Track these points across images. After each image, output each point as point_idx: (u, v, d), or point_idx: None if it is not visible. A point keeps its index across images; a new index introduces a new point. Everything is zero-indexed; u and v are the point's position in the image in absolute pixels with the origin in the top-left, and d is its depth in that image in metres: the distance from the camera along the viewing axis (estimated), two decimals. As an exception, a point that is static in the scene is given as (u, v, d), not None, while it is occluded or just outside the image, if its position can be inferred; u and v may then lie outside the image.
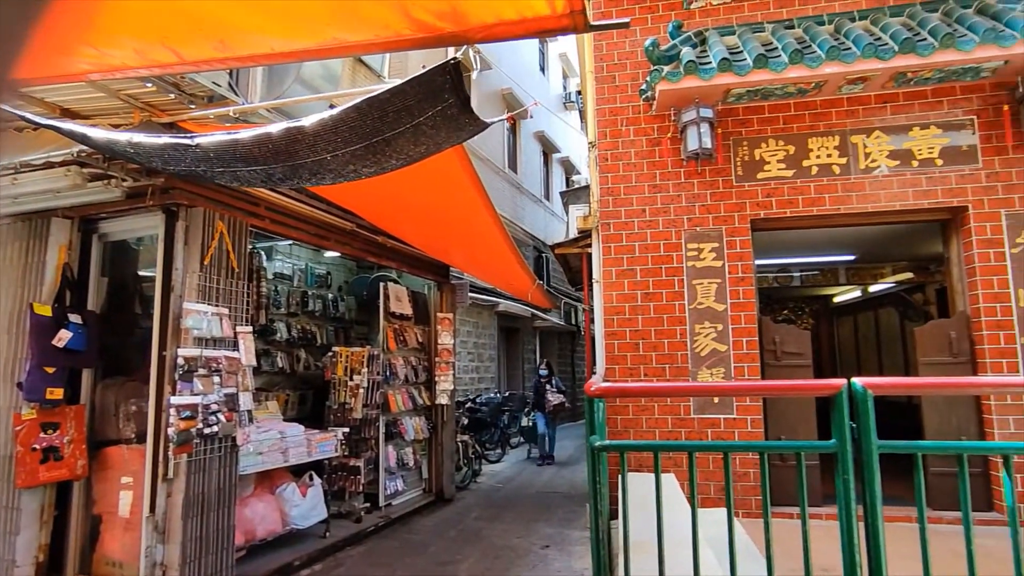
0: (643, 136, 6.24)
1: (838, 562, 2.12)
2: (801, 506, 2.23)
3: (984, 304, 5.24)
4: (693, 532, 2.31)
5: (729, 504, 2.30)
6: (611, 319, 6.10)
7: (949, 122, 5.49)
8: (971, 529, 2.05)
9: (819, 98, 5.79)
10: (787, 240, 7.23)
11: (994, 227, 5.29)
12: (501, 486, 9.16)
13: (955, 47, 4.93)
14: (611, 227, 6.19)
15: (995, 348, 5.16)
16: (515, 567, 5.46)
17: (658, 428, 5.83)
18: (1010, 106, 5.24)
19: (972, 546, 2.04)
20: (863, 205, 5.64)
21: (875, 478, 2.12)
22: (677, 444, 4.39)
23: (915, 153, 5.54)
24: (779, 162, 5.86)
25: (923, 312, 8.01)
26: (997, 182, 5.31)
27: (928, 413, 5.39)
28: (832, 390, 2.20)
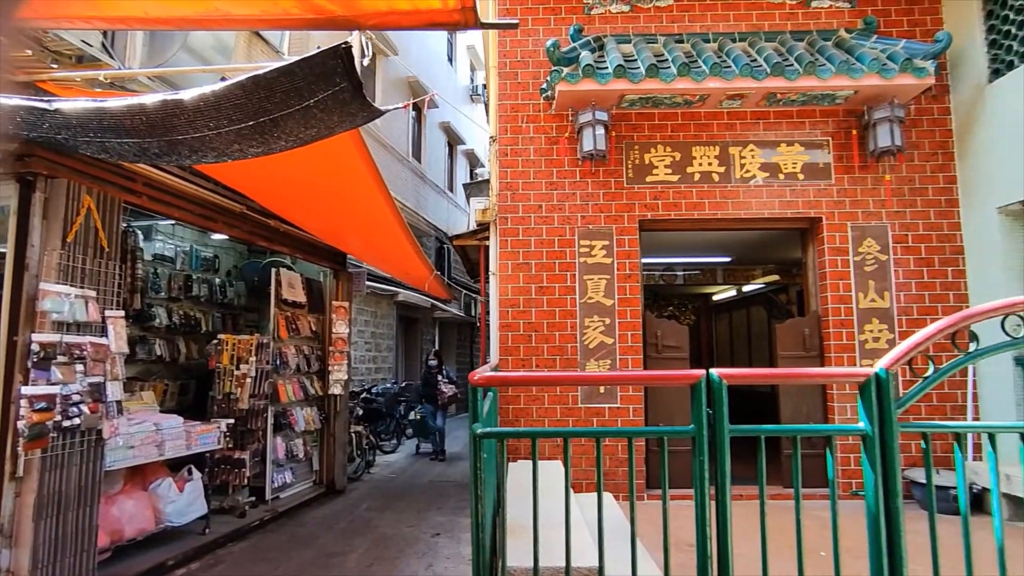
0: (542, 134, 6.39)
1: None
2: (663, 486, 2.40)
3: (832, 305, 5.86)
4: (566, 514, 2.43)
5: (599, 486, 2.44)
6: (506, 311, 6.21)
7: (810, 141, 6.06)
8: (800, 501, 2.30)
9: (703, 110, 6.18)
10: (672, 241, 7.68)
11: (842, 237, 5.91)
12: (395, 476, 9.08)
13: (815, 74, 5.44)
14: (509, 221, 6.29)
15: (839, 344, 5.78)
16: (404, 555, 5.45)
17: (547, 417, 6.03)
18: (857, 131, 5.88)
19: (800, 515, 2.29)
20: (737, 212, 6.09)
21: (726, 459, 2.32)
22: (552, 431, 4.54)
23: (782, 167, 6.06)
24: (666, 167, 6.20)
25: (786, 311, 8.81)
26: (846, 197, 5.94)
27: (784, 401, 5.95)
28: (692, 380, 2.38)
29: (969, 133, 5.75)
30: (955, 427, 2.38)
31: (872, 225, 5.90)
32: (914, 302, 5.76)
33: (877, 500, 2.28)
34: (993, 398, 5.35)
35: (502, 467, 2.71)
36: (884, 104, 5.59)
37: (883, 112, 5.58)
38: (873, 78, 5.39)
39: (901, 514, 2.26)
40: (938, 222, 5.85)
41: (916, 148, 5.93)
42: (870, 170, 5.93)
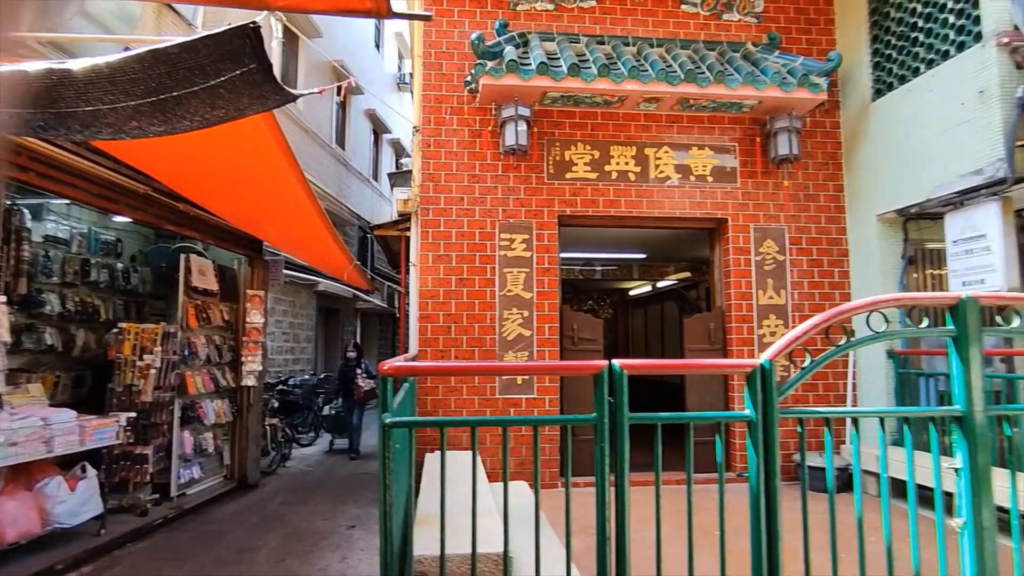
0: (466, 126, 6.38)
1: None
2: (566, 473, 2.49)
3: (735, 301, 6.21)
4: (473, 502, 2.46)
5: (505, 474, 2.49)
6: (426, 302, 6.18)
7: (719, 146, 6.38)
8: (692, 484, 2.44)
9: (621, 111, 6.37)
10: (590, 237, 7.88)
11: (745, 237, 6.27)
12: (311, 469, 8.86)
13: (725, 83, 5.73)
14: (430, 212, 6.26)
15: (740, 337, 6.15)
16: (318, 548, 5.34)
17: (466, 408, 6.06)
18: (760, 139, 6.25)
19: (691, 497, 2.43)
20: (652, 210, 6.33)
21: (625, 446, 2.43)
22: (460, 420, 4.54)
23: (693, 169, 6.35)
24: (585, 165, 6.35)
25: (696, 306, 9.26)
26: (749, 200, 6.31)
27: (689, 391, 6.26)
28: (595, 370, 2.47)
29: (855, 146, 6.24)
30: (825, 412, 2.59)
31: (772, 227, 6.30)
32: (806, 299, 6.20)
33: (759, 480, 2.45)
34: (870, 387, 5.85)
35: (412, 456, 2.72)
36: (784, 115, 5.97)
37: (783, 122, 5.96)
38: (774, 90, 5.74)
39: (779, 492, 2.45)
40: (828, 226, 6.33)
41: (811, 157, 6.38)
42: (771, 176, 6.32)
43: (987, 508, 2.45)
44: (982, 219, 4.63)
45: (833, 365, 6.09)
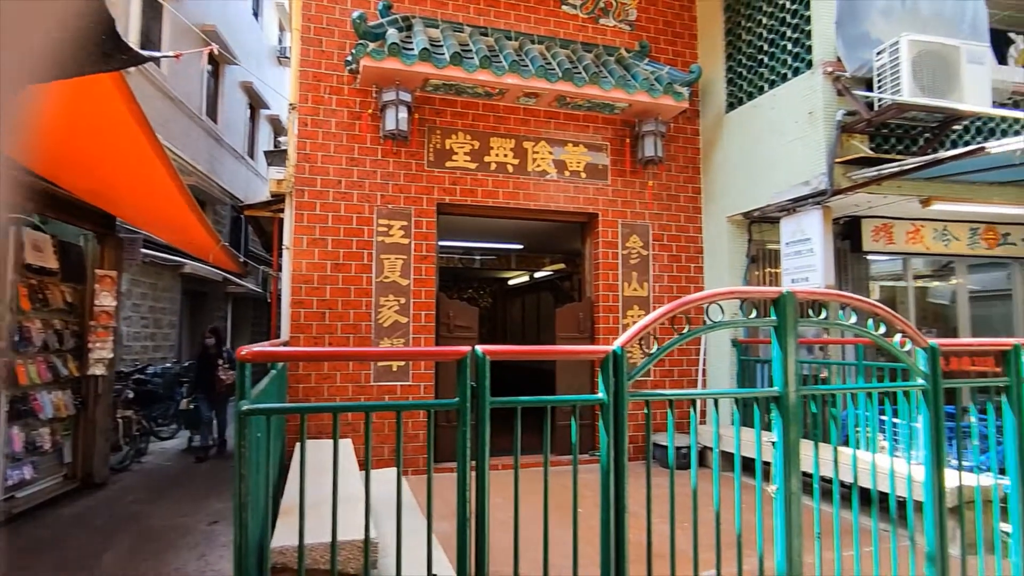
0: (345, 108, 6.17)
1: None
2: (429, 457, 2.51)
3: (603, 292, 6.56)
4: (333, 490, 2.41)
5: (367, 459, 2.47)
6: (299, 287, 5.93)
7: (592, 144, 6.66)
8: (548, 465, 2.56)
9: (502, 103, 6.45)
10: (469, 226, 7.93)
11: (613, 232, 6.63)
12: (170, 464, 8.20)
13: (599, 85, 5.99)
14: (305, 194, 5.99)
15: (607, 327, 6.50)
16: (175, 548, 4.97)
17: (340, 395, 5.91)
18: (630, 140, 6.61)
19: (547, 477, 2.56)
20: (528, 203, 6.49)
21: (486, 430, 2.49)
22: (322, 406, 4.34)
23: (568, 165, 6.59)
24: (466, 154, 6.37)
25: (570, 296, 9.64)
26: (618, 197, 6.66)
27: (560, 377, 6.53)
28: (459, 355, 2.50)
29: (711, 152, 6.79)
30: (668, 395, 2.81)
31: (638, 224, 6.70)
32: (666, 292, 6.67)
33: (609, 458, 2.62)
34: (717, 372, 6.43)
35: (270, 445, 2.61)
36: (651, 119, 6.35)
37: (650, 126, 6.35)
38: (643, 95, 6.09)
39: (626, 469, 2.63)
40: (686, 225, 6.84)
41: (673, 160, 6.85)
42: (638, 175, 6.71)
43: (795, 475, 2.78)
44: (808, 224, 5.23)
45: (687, 352, 6.62)
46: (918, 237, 6.32)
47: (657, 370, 6.57)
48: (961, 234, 6.47)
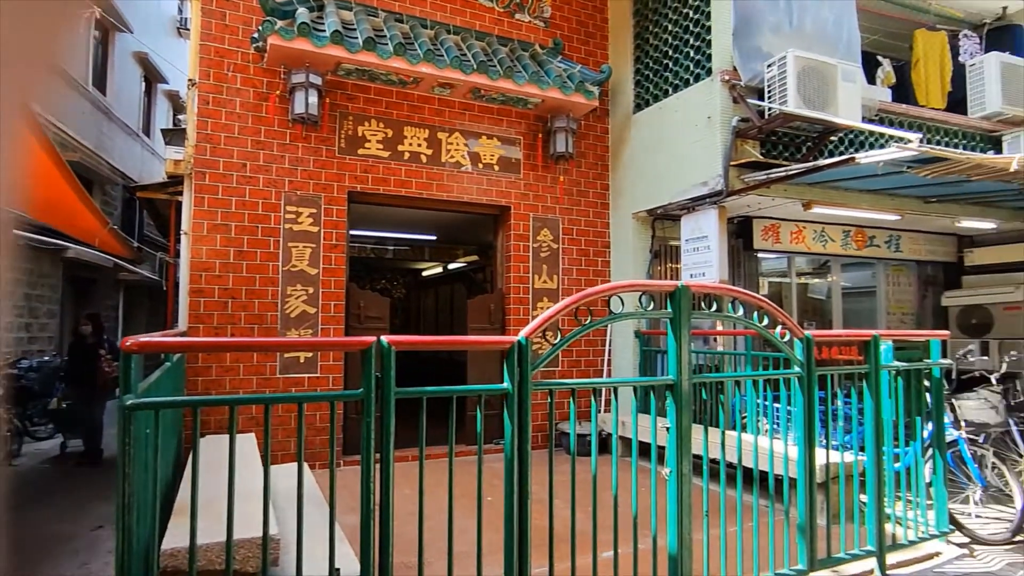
0: (251, 87, 5.84)
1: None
2: (331, 449, 2.45)
3: (514, 284, 6.63)
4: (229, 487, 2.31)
5: (266, 453, 2.38)
6: (199, 275, 5.58)
7: (506, 138, 6.70)
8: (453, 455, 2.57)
9: (416, 92, 6.34)
10: (382, 215, 7.77)
11: (525, 225, 6.71)
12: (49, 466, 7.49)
13: (513, 79, 6.03)
14: (206, 177, 5.64)
15: (517, 318, 6.58)
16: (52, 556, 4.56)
17: (243, 388, 5.63)
18: (542, 135, 6.71)
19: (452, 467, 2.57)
20: (442, 193, 6.44)
21: (391, 420, 2.47)
22: (216, 399, 4.06)
23: (482, 157, 6.59)
24: (379, 142, 6.22)
25: (483, 288, 9.68)
26: (530, 191, 6.75)
27: (471, 368, 6.55)
28: (364, 345, 2.46)
29: (619, 151, 7.01)
30: (570, 384, 2.90)
31: (548, 217, 6.81)
32: (574, 285, 6.84)
33: (513, 447, 2.67)
34: (622, 363, 6.68)
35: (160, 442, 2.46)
36: (563, 116, 6.47)
37: (561, 123, 6.46)
38: (555, 92, 6.19)
39: (529, 456, 2.68)
40: (595, 220, 7.04)
41: (584, 157, 7.02)
42: (550, 170, 6.83)
43: (687, 458, 2.96)
44: (706, 223, 5.54)
45: (593, 343, 6.83)
46: (800, 238, 6.85)
47: (565, 360, 6.74)
48: (836, 236, 7.08)
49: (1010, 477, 4.16)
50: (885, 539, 3.61)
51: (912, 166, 4.62)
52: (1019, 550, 3.95)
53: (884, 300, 7.78)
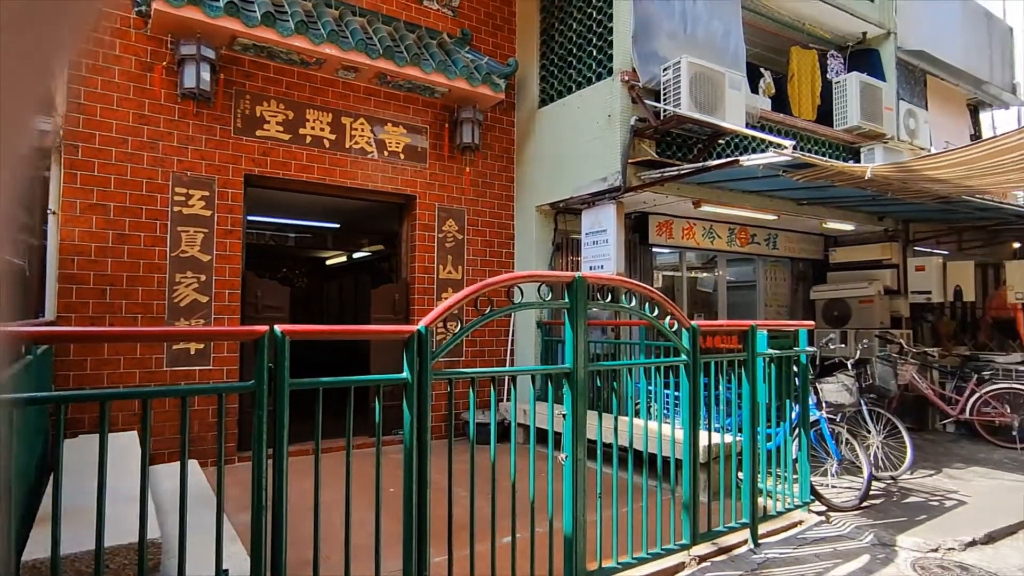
0: (133, 55, 5.33)
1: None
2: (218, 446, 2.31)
3: (418, 274, 6.54)
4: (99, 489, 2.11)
5: (145, 450, 2.20)
6: (70, 259, 5.04)
7: (412, 126, 6.56)
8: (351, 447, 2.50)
9: (320, 74, 6.06)
10: (283, 201, 7.38)
11: (430, 215, 6.63)
12: None
13: (420, 67, 5.91)
14: (79, 151, 5.09)
15: (421, 308, 6.49)
16: None
17: (124, 383, 5.17)
18: (448, 125, 6.64)
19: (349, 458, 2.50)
20: (345, 180, 6.21)
21: (285, 412, 2.35)
22: (85, 394, 3.70)
23: (387, 145, 6.42)
24: (278, 124, 5.89)
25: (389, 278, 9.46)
26: (436, 181, 6.66)
27: (374, 358, 6.40)
28: (255, 335, 2.33)
29: (525, 144, 7.07)
30: (469, 373, 2.90)
31: (454, 208, 6.76)
32: (479, 275, 6.85)
33: (412, 436, 2.63)
34: (524, 352, 6.77)
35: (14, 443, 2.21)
36: (469, 107, 6.44)
37: (468, 113, 6.43)
38: (462, 82, 6.14)
39: (429, 447, 2.66)
40: (500, 212, 7.08)
41: (490, 149, 7.02)
42: (456, 161, 6.77)
43: (582, 444, 3.05)
44: (605, 217, 5.73)
45: (497, 333, 6.89)
46: (691, 234, 7.26)
47: (470, 350, 6.74)
48: (722, 233, 7.57)
49: (859, 451, 4.65)
50: (757, 512, 3.93)
51: (787, 170, 5.01)
52: (865, 514, 4.43)
53: (763, 293, 8.43)
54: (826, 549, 3.87)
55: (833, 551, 3.84)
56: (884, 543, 3.97)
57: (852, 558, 3.74)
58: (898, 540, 3.99)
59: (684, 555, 3.50)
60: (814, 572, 3.53)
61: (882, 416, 5.38)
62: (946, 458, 6.17)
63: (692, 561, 3.51)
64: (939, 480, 5.38)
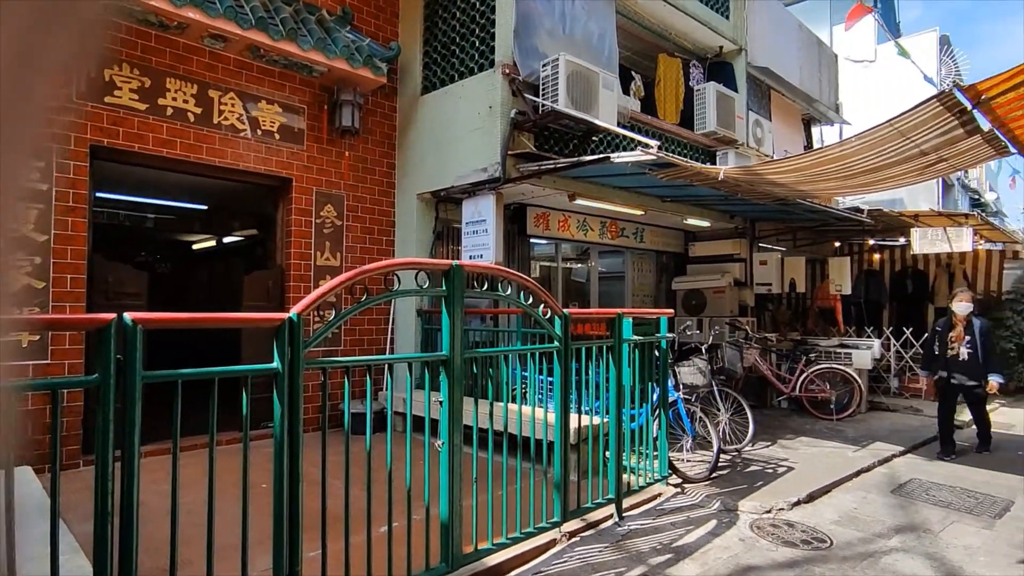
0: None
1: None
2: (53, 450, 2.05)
3: (294, 261, 6.19)
4: None
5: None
6: None
7: (288, 105, 6.17)
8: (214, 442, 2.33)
9: (183, 40, 5.51)
10: (141, 178, 6.65)
11: (307, 200, 6.29)
12: None
13: (296, 42, 5.57)
14: None
15: (297, 296, 6.15)
16: None
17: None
18: (328, 106, 6.32)
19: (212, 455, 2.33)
20: (213, 159, 5.71)
21: (136, 409, 2.14)
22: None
23: (261, 123, 5.99)
24: (132, 91, 5.29)
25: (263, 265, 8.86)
26: (314, 164, 6.33)
27: (245, 348, 6.00)
28: (100, 323, 2.09)
29: (407, 131, 6.91)
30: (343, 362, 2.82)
31: (333, 193, 6.47)
32: (358, 262, 6.62)
33: (283, 428, 2.50)
34: (404, 341, 6.66)
35: None
36: (349, 89, 6.17)
37: (348, 96, 6.16)
38: (342, 63, 5.87)
39: (301, 438, 2.55)
40: (380, 199, 6.88)
41: (371, 134, 6.79)
42: (335, 144, 6.47)
43: (458, 430, 3.07)
44: (484, 207, 5.78)
45: (377, 322, 6.72)
46: (566, 226, 7.53)
47: (348, 339, 6.52)
48: (595, 226, 7.93)
49: (711, 428, 5.12)
50: (622, 487, 4.19)
51: (652, 169, 5.35)
52: (714, 484, 4.89)
53: (631, 283, 8.96)
54: (681, 518, 4.23)
55: (687, 519, 4.21)
56: (729, 509, 4.41)
57: (702, 524, 4.12)
58: (740, 505, 4.45)
59: (555, 532, 3.66)
60: (670, 539, 3.84)
61: (730, 395, 5.96)
62: (780, 431, 6.96)
63: (563, 537, 3.68)
64: (774, 450, 6.06)
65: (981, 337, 5.79)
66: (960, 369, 5.85)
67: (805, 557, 3.63)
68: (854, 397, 7.61)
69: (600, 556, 3.55)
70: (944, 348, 5.98)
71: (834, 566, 3.52)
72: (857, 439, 6.57)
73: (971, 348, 5.79)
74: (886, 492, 4.91)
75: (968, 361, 5.80)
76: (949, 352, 5.92)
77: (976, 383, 5.82)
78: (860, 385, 7.63)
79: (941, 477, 5.32)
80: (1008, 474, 5.45)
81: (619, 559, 3.52)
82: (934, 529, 4.12)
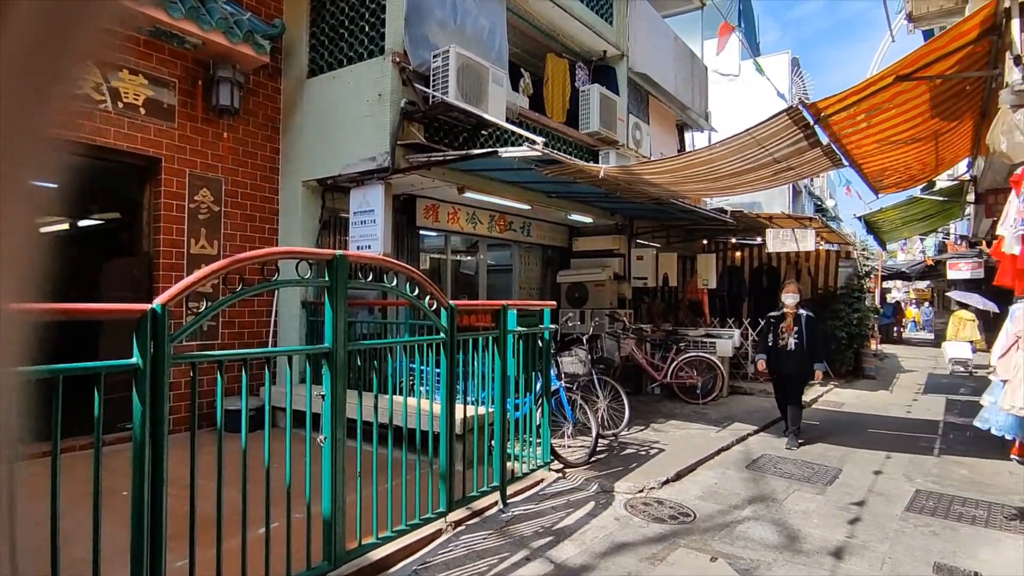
0: None
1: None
2: None
3: (164, 248, 5.65)
4: None
5: None
6: None
7: (156, 78, 5.60)
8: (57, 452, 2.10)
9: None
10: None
11: (180, 183, 5.77)
12: None
13: (165, 9, 5.07)
14: None
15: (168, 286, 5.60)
16: None
17: None
18: (203, 83, 5.82)
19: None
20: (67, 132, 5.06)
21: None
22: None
23: (123, 95, 5.40)
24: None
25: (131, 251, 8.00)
26: (187, 144, 5.81)
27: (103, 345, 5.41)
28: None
29: (291, 114, 6.55)
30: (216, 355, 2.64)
31: (209, 176, 5.99)
32: (238, 251, 6.17)
33: (144, 429, 2.30)
34: (288, 334, 6.32)
35: None
36: (228, 65, 5.73)
37: (226, 72, 5.72)
38: (219, 36, 5.43)
39: (165, 439, 2.36)
40: (263, 184, 6.46)
41: (252, 115, 6.35)
42: (212, 124, 5.98)
43: (341, 424, 2.99)
44: (373, 197, 5.63)
45: (259, 314, 6.34)
46: (456, 219, 7.53)
47: (227, 332, 6.08)
48: (484, 219, 8.00)
49: (590, 414, 5.37)
50: (507, 475, 4.30)
51: (539, 165, 5.49)
52: (593, 468, 5.15)
53: (518, 276, 9.15)
54: (561, 501, 4.41)
55: (567, 502, 4.40)
56: (605, 490, 4.67)
57: (581, 506, 4.33)
58: (615, 486, 4.72)
59: (441, 522, 3.68)
60: (551, 522, 4.00)
61: (608, 383, 6.28)
62: (653, 415, 7.46)
63: (449, 527, 3.71)
64: (648, 433, 6.49)
65: (807, 329, 6.23)
66: (788, 358, 6.26)
67: (672, 531, 3.94)
68: (717, 382, 8.32)
69: (485, 543, 3.63)
70: (776, 339, 6.37)
71: (696, 537, 3.85)
72: (719, 421, 7.20)
73: (798, 339, 6.22)
74: (742, 468, 5.43)
75: (794, 351, 6.23)
76: (780, 342, 6.31)
77: (801, 372, 6.23)
78: (723, 372, 8.36)
79: (786, 452, 5.98)
80: (838, 447, 6.24)
81: (503, 544, 3.61)
82: (779, 498, 4.63)
